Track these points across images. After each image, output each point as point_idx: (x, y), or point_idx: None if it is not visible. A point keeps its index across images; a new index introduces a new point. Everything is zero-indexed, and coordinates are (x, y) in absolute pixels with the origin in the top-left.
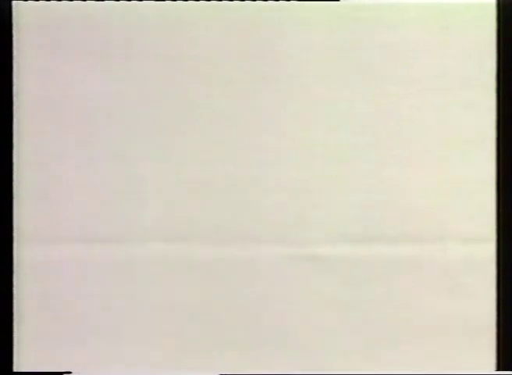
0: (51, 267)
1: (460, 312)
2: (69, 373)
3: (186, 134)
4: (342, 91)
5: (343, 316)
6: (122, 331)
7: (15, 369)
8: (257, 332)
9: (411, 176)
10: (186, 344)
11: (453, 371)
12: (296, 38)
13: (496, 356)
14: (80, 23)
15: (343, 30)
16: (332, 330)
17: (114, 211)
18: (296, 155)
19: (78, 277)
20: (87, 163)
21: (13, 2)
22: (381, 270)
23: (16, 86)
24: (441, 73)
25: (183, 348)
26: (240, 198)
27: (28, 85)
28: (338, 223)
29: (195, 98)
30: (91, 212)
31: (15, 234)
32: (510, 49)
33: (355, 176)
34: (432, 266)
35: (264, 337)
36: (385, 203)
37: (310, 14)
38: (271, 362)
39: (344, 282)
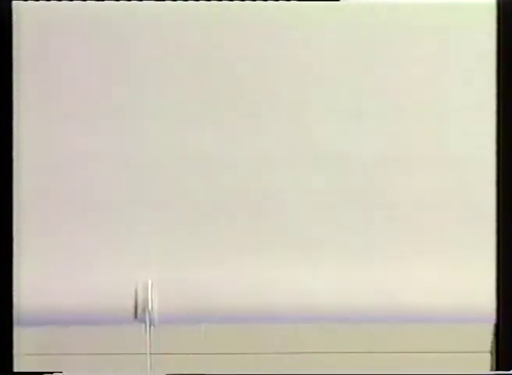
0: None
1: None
2: (60, 372)
3: (186, 134)
4: (342, 90)
5: None
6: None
7: (15, 369)
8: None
9: (412, 176)
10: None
11: (452, 371)
12: (296, 38)
13: (496, 356)
14: (79, 23)
15: (343, 30)
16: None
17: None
18: (296, 155)
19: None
20: (87, 163)
21: (13, 2)
22: None
23: (16, 86)
24: (441, 72)
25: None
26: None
27: (28, 85)
28: None
29: (194, 98)
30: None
31: (14, 234)
32: (510, 49)
33: (355, 177)
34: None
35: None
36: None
37: (310, 14)
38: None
39: None
